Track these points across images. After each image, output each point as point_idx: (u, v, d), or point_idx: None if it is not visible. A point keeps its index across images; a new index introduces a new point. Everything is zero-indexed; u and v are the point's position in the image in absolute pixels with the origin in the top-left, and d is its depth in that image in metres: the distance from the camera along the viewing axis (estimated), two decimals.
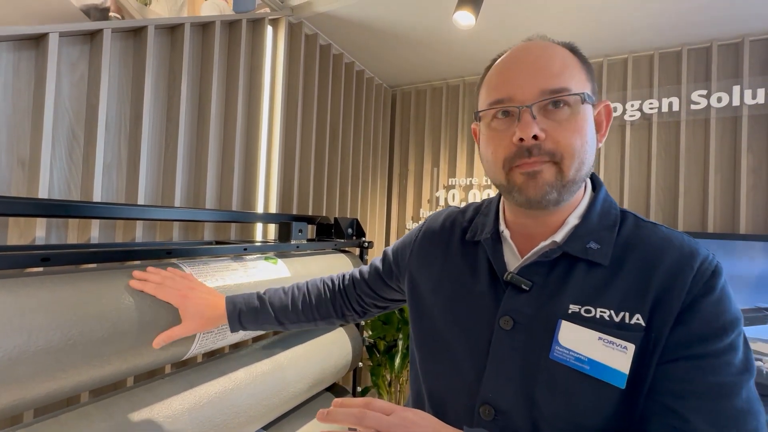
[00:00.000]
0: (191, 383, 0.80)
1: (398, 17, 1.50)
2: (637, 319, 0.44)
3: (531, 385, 0.46)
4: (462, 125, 2.04)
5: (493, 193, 1.94)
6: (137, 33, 1.05)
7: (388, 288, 0.72)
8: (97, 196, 0.94)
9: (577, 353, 0.45)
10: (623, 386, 0.43)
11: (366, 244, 1.40)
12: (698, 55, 1.58)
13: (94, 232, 0.93)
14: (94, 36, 0.96)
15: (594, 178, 0.55)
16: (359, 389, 1.43)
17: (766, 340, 1.26)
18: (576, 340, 0.45)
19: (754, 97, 1.47)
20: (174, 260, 0.82)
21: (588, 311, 0.45)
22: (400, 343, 1.61)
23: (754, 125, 1.48)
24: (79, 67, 0.95)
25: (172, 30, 1.14)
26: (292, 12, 1.50)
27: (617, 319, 0.44)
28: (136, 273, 0.70)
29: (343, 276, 0.79)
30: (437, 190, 2.10)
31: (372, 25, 1.56)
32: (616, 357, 0.43)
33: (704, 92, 1.55)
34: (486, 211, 0.60)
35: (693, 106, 1.56)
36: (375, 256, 0.78)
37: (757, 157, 1.47)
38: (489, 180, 1.92)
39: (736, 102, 1.49)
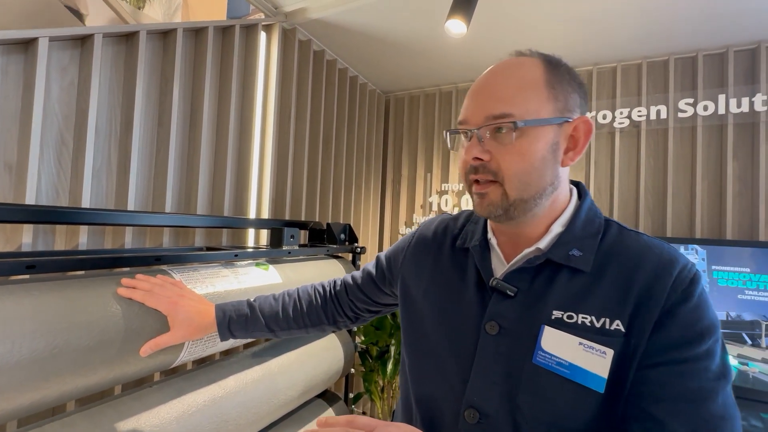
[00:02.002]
0: (180, 391, 0.79)
1: (392, 24, 1.51)
2: (617, 325, 0.45)
3: (514, 389, 0.47)
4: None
5: None
6: (129, 38, 1.05)
7: (381, 293, 0.73)
8: (85, 202, 0.93)
9: (559, 358, 0.46)
10: (602, 390, 0.44)
11: (358, 249, 1.40)
12: (685, 65, 1.61)
13: (83, 238, 0.92)
14: (84, 41, 0.96)
15: (580, 187, 0.57)
16: (351, 396, 1.42)
17: (752, 344, 1.28)
18: (558, 345, 0.46)
19: (738, 105, 1.50)
20: (163, 267, 0.81)
21: (570, 317, 0.47)
22: (393, 348, 1.60)
23: (739, 133, 1.51)
24: (69, 72, 0.94)
25: (164, 35, 1.14)
26: (285, 18, 1.50)
27: (598, 325, 0.46)
28: (125, 281, 0.69)
29: (335, 282, 0.79)
30: (430, 196, 2.10)
31: (366, 31, 1.57)
32: (595, 362, 0.45)
33: (691, 100, 1.58)
34: (476, 218, 0.62)
35: (680, 114, 1.59)
36: (368, 262, 0.77)
37: (742, 164, 1.50)
38: None
39: (721, 110, 1.53)
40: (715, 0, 1.27)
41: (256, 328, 0.73)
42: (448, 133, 0.56)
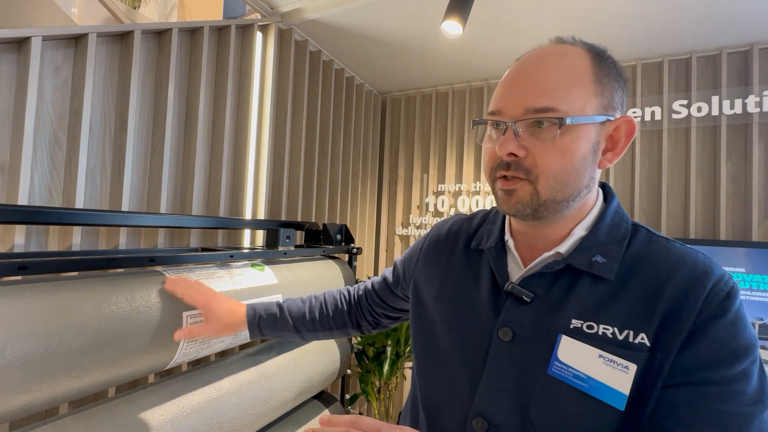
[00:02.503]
0: (174, 393, 0.78)
1: (388, 25, 1.52)
2: (642, 339, 0.42)
3: (526, 400, 0.45)
4: (451, 132, 2.06)
5: (481, 199, 1.96)
6: (123, 37, 1.05)
7: (397, 297, 0.72)
8: (79, 202, 0.92)
9: (577, 370, 0.43)
10: (622, 408, 0.41)
11: (355, 250, 1.40)
12: (678, 66, 1.63)
13: (76, 239, 0.91)
14: (78, 40, 0.95)
15: (606, 189, 0.53)
16: (347, 396, 1.42)
17: None
18: (576, 356, 0.43)
19: (731, 107, 1.51)
20: (158, 268, 0.81)
21: (590, 327, 0.44)
22: (389, 349, 1.60)
23: (732, 134, 1.53)
24: (63, 71, 0.93)
25: (159, 35, 1.13)
26: (282, 18, 1.50)
27: (620, 337, 0.42)
28: (170, 278, 0.75)
29: (358, 287, 0.80)
30: (426, 197, 2.11)
31: (362, 32, 1.57)
32: (616, 376, 0.41)
33: (685, 102, 1.59)
34: (493, 219, 0.59)
35: (674, 116, 1.61)
36: (366, 264, 0.79)
37: (736, 165, 1.52)
38: (477, 186, 1.94)
39: (715, 112, 1.54)
40: (708, 2, 1.28)
41: (284, 328, 0.75)
42: (475, 124, 0.52)
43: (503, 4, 1.35)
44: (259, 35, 1.44)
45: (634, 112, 1.67)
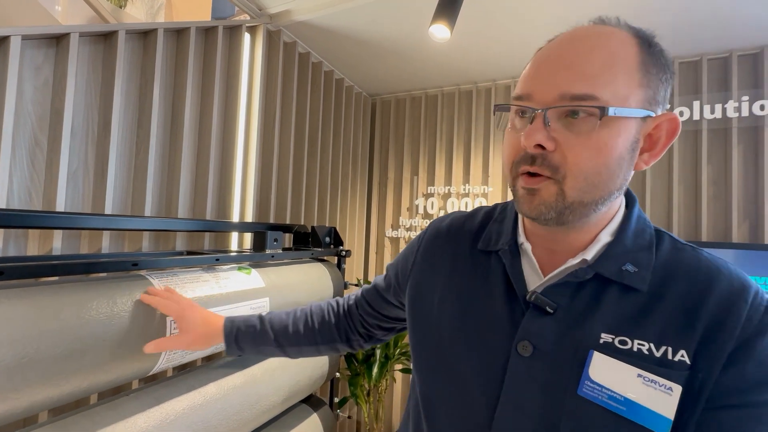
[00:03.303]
0: (158, 399, 0.77)
1: (377, 28, 1.52)
2: (682, 356, 0.38)
3: (553, 425, 0.40)
4: (440, 134, 2.08)
5: (470, 201, 1.97)
6: (107, 37, 1.03)
7: (389, 305, 0.66)
8: (60, 205, 0.90)
9: (612, 391, 0.38)
10: None
11: (344, 252, 1.40)
12: None
13: (57, 242, 0.89)
14: (60, 39, 0.93)
15: (628, 193, 0.48)
16: (336, 400, 1.41)
17: None
18: (611, 376, 0.39)
19: (712, 112, 1.55)
20: (142, 272, 0.79)
21: (623, 342, 0.40)
22: (378, 351, 1.60)
23: (713, 139, 1.57)
24: (44, 71, 0.91)
25: (144, 35, 1.12)
26: (270, 20, 1.49)
27: (658, 354, 0.38)
28: (151, 289, 0.73)
29: (348, 298, 0.75)
30: (416, 199, 2.11)
31: (351, 34, 1.57)
32: (659, 399, 0.37)
33: (667, 107, 1.62)
34: (500, 217, 0.53)
35: None
36: (356, 266, 0.77)
37: (716, 169, 1.56)
38: (466, 188, 1.95)
39: (696, 117, 1.58)
40: (689, 10, 1.32)
41: (265, 342, 0.69)
42: (498, 109, 0.46)
43: (492, 8, 1.36)
44: (247, 36, 1.43)
45: None
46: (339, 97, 1.95)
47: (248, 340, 0.69)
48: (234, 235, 1.36)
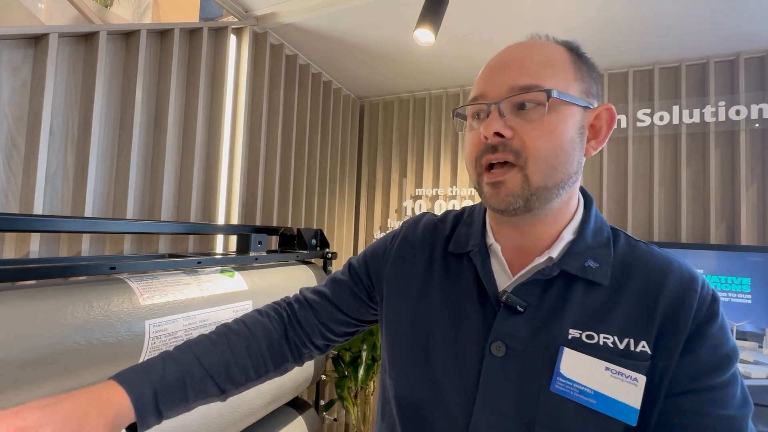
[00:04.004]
0: None
1: (364, 31, 1.53)
2: (643, 347, 0.40)
3: (529, 423, 0.41)
4: (428, 137, 2.09)
5: (458, 203, 1.99)
6: (88, 38, 1.02)
7: (362, 307, 0.60)
8: (38, 208, 0.89)
9: (582, 385, 0.40)
10: (635, 423, 0.39)
11: (330, 254, 1.40)
12: (642, 77, 1.70)
13: (34, 245, 0.88)
14: (39, 40, 0.92)
15: (584, 193, 0.51)
16: (322, 403, 1.41)
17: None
18: (580, 370, 0.40)
19: (690, 116, 1.59)
20: (120, 275, 0.78)
21: (590, 337, 0.41)
22: (364, 353, 1.60)
23: (692, 143, 1.61)
24: (22, 72, 0.90)
25: (127, 36, 1.11)
26: (257, 22, 1.49)
27: (621, 347, 0.40)
28: None
29: (289, 305, 0.61)
30: (405, 200, 2.12)
31: (338, 37, 1.58)
32: (626, 390, 0.39)
33: (648, 111, 1.66)
34: (468, 220, 0.55)
35: (639, 124, 1.68)
36: (336, 270, 0.65)
37: (695, 171, 1.60)
38: (454, 190, 1.97)
39: (675, 121, 1.62)
40: (668, 18, 1.35)
41: (201, 394, 0.49)
42: (456, 113, 0.49)
43: (477, 13, 1.38)
44: (233, 38, 1.42)
45: None
46: (327, 99, 1.96)
47: (176, 400, 0.47)
48: (219, 238, 1.35)
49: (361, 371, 1.57)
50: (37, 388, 0.58)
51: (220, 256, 1.00)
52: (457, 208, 0.61)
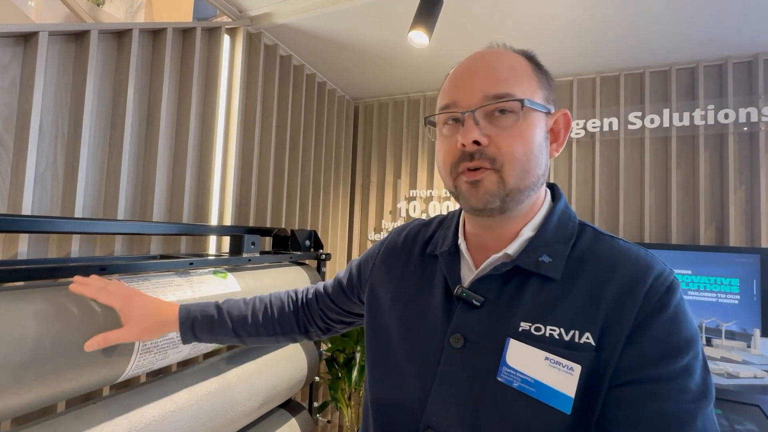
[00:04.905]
0: (127, 407, 0.75)
1: (359, 32, 1.53)
2: (587, 338, 0.41)
3: (477, 411, 0.43)
4: (423, 138, 2.10)
5: (452, 205, 1.99)
6: (79, 37, 1.01)
7: (351, 302, 0.69)
8: (27, 208, 0.87)
9: (524, 374, 0.42)
10: (569, 412, 0.40)
11: (323, 256, 1.39)
12: (633, 80, 1.72)
13: (23, 246, 0.86)
14: (28, 38, 0.91)
15: (554, 189, 0.54)
16: (316, 404, 1.40)
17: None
18: (523, 360, 0.42)
19: (680, 119, 1.62)
20: (110, 277, 0.78)
21: (538, 329, 0.43)
22: (358, 355, 1.60)
23: (681, 145, 1.63)
24: (11, 71, 0.89)
25: (119, 35, 1.10)
26: (251, 22, 1.49)
27: (567, 338, 0.42)
28: (78, 278, 0.66)
29: (307, 290, 0.75)
30: (399, 202, 2.12)
31: (333, 38, 1.58)
32: (561, 379, 0.40)
33: (639, 114, 1.69)
34: (448, 224, 0.58)
35: (630, 126, 1.70)
36: (338, 269, 0.76)
37: (685, 173, 1.62)
38: (447, 192, 1.97)
39: (666, 124, 1.64)
40: (659, 23, 1.37)
41: (223, 331, 0.68)
42: (428, 121, 0.52)
43: (471, 16, 1.39)
44: (226, 38, 1.41)
45: (594, 123, 1.75)
46: (321, 100, 1.95)
47: (205, 329, 0.68)
48: (212, 239, 1.35)
49: (355, 373, 1.57)
50: (26, 391, 0.57)
51: (212, 258, 1.00)
52: (452, 209, 0.63)
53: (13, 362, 0.56)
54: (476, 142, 0.44)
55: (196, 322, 0.68)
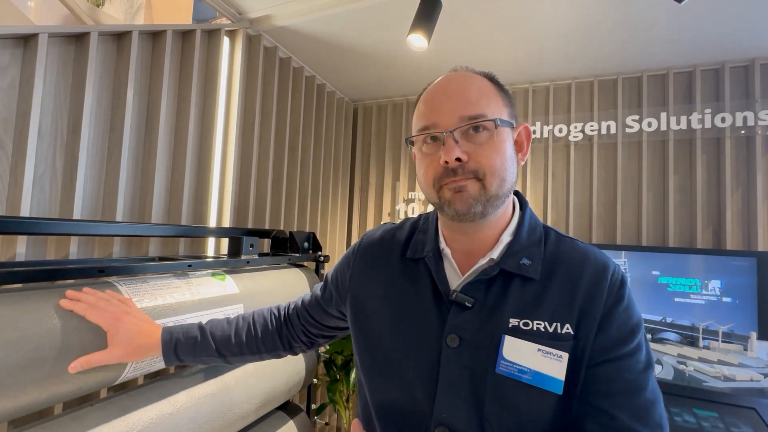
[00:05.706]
0: (124, 409, 0.75)
1: (358, 34, 1.53)
2: (567, 329, 0.48)
3: (481, 402, 0.49)
4: None
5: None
6: (79, 38, 1.01)
7: (330, 316, 0.71)
8: (25, 210, 0.87)
9: (520, 365, 0.48)
10: (560, 392, 0.47)
11: (322, 258, 1.40)
12: (631, 84, 1.73)
13: (21, 248, 0.86)
14: (28, 40, 0.91)
15: (520, 198, 0.59)
16: (314, 406, 1.40)
17: (671, 340, 1.38)
18: (518, 353, 0.48)
19: (678, 123, 1.63)
20: (109, 279, 0.78)
21: (526, 324, 0.49)
22: None
23: (679, 149, 1.64)
24: (10, 72, 0.89)
25: (118, 37, 1.10)
26: (250, 24, 1.49)
27: (551, 330, 0.49)
28: (69, 293, 0.65)
29: (289, 305, 0.76)
30: (397, 204, 2.13)
31: (332, 41, 1.58)
32: (553, 366, 0.48)
33: (637, 117, 1.69)
34: (424, 227, 0.61)
35: (628, 130, 1.71)
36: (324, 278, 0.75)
37: (682, 177, 1.63)
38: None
39: (663, 127, 1.65)
40: (656, 27, 1.38)
41: (206, 352, 0.69)
42: (409, 141, 0.56)
43: (470, 19, 1.40)
44: (226, 40, 1.42)
45: (591, 126, 1.76)
46: (320, 102, 1.96)
47: (188, 351, 0.69)
48: (211, 241, 1.35)
49: (353, 375, 1.56)
50: (23, 393, 0.57)
51: (211, 259, 1.00)
52: (428, 213, 0.65)
53: (11, 364, 0.56)
54: (458, 159, 0.49)
55: (179, 345, 0.68)
